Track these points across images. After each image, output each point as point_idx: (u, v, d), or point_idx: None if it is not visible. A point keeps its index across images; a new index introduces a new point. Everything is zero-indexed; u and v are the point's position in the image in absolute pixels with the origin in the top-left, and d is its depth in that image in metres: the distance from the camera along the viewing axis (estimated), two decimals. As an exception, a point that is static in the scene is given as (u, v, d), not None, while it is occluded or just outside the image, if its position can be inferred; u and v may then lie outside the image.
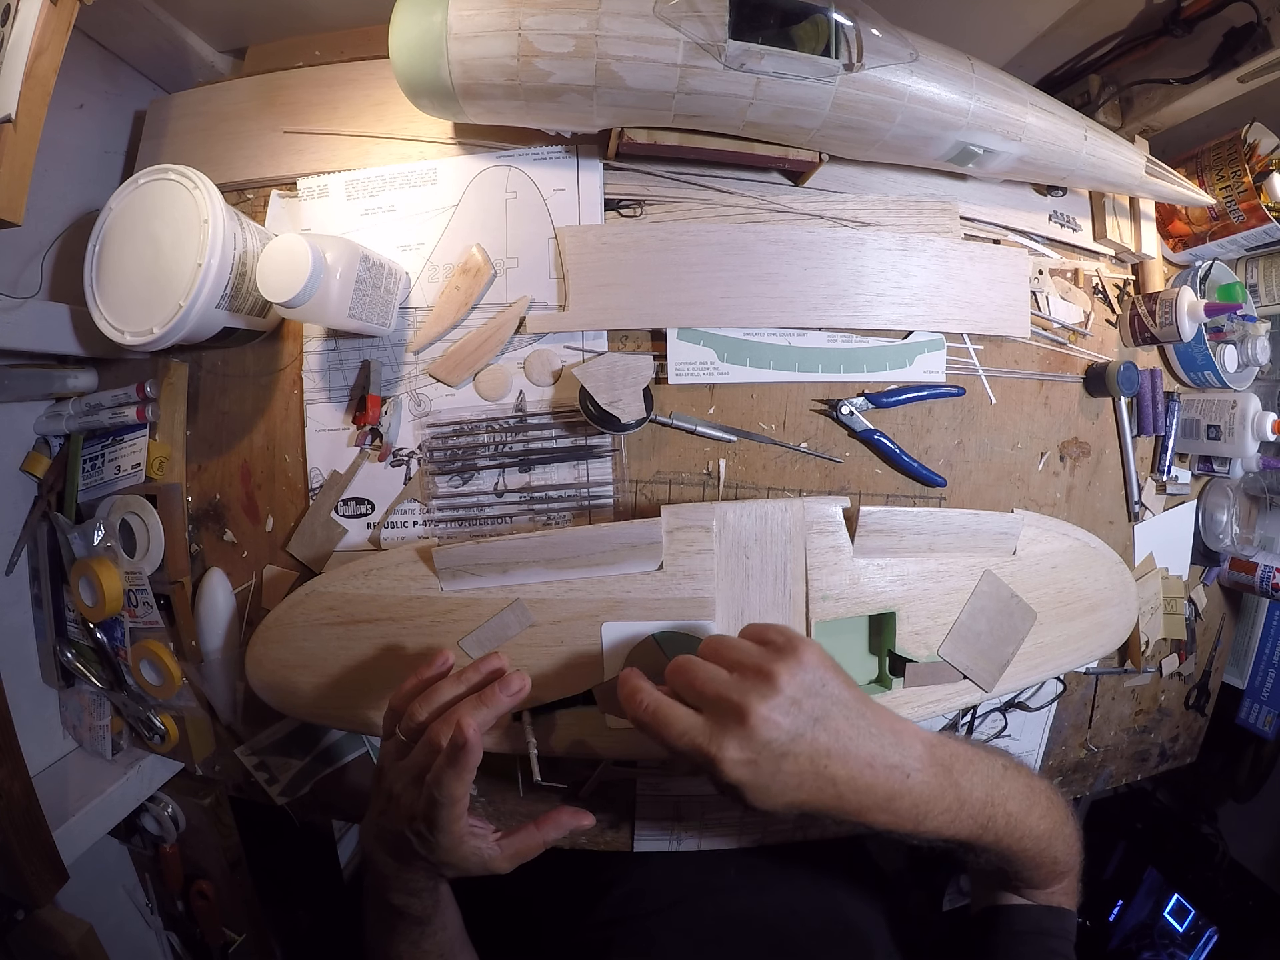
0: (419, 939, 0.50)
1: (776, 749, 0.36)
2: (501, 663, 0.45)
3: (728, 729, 0.36)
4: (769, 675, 0.37)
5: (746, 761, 0.35)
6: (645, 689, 0.39)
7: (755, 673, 0.37)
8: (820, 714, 0.37)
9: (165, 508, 0.61)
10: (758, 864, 0.65)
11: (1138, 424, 0.72)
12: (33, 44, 0.45)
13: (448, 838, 0.42)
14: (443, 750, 0.40)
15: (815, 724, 0.37)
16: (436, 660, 0.46)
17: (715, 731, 0.36)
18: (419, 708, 0.43)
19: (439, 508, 0.60)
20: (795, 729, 0.36)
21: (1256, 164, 0.67)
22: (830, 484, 0.62)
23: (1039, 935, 0.47)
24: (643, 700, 0.38)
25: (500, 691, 0.43)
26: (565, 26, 0.46)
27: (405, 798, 0.43)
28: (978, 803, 0.41)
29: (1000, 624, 0.57)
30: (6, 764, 0.53)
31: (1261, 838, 0.97)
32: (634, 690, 0.39)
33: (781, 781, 0.36)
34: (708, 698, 0.37)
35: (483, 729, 0.40)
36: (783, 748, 0.36)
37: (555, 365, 0.59)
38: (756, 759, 0.36)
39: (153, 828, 0.71)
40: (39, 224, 0.61)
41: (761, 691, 0.36)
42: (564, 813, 0.47)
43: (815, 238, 0.59)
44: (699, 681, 0.38)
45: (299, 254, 0.48)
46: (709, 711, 0.37)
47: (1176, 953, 0.99)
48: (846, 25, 0.48)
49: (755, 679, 0.37)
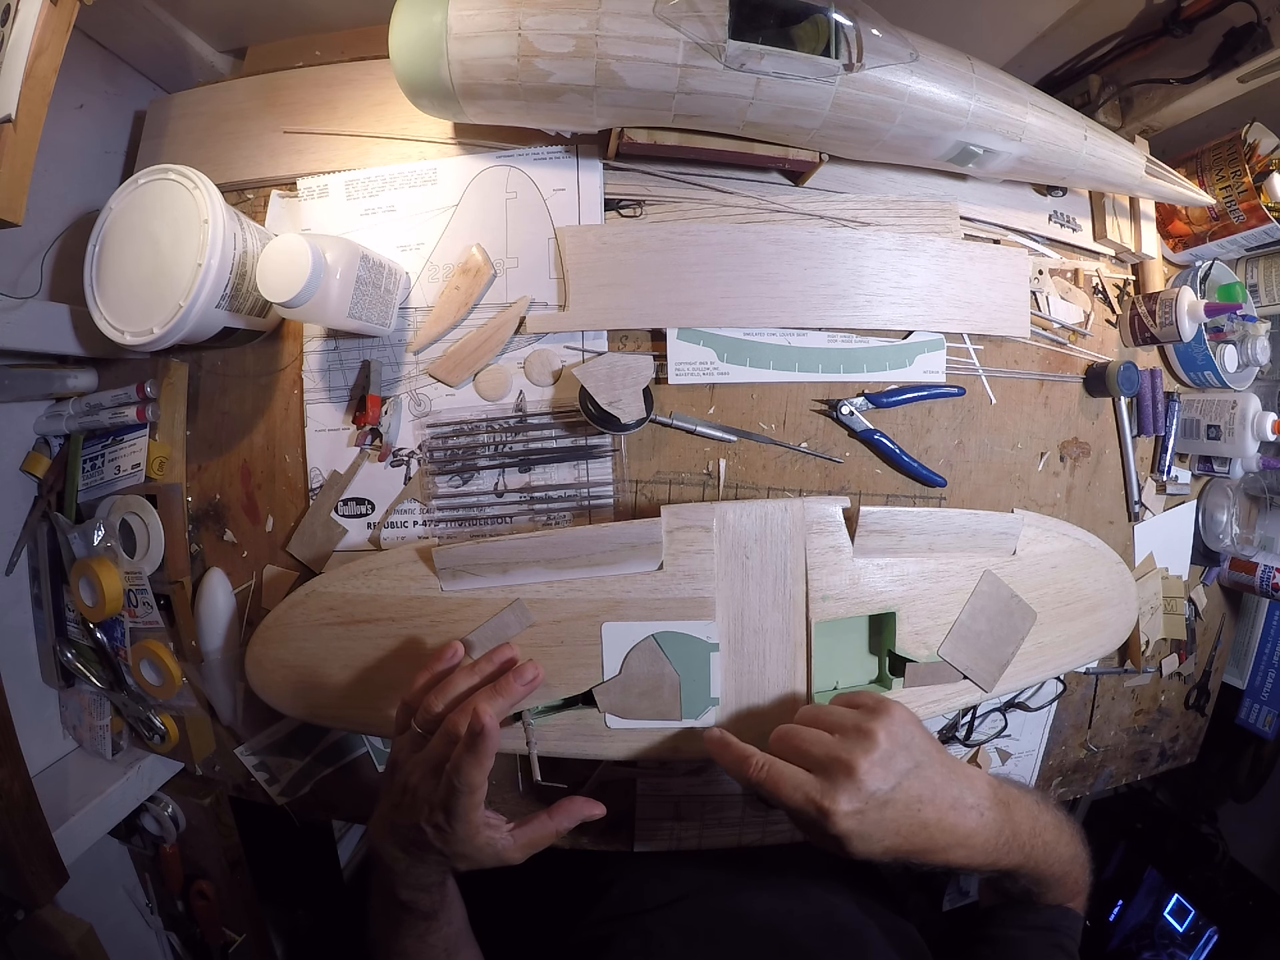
0: (425, 933, 0.50)
1: (881, 798, 0.39)
2: (514, 653, 0.48)
3: (837, 784, 0.39)
4: (868, 733, 0.41)
5: (855, 812, 0.39)
6: (754, 753, 0.43)
7: (856, 731, 0.41)
8: (913, 764, 0.41)
9: (165, 508, 0.61)
10: (757, 863, 0.65)
11: (1138, 424, 0.72)
12: (33, 44, 0.45)
13: (465, 827, 0.43)
14: (461, 739, 0.41)
15: (910, 774, 0.41)
16: (446, 653, 0.48)
17: (826, 787, 0.39)
18: (435, 700, 0.45)
19: (439, 508, 0.60)
20: (895, 779, 0.40)
21: (1256, 164, 0.67)
22: (830, 484, 0.62)
23: (1049, 931, 0.50)
24: (756, 761, 0.42)
25: (515, 680, 0.45)
26: (565, 26, 0.46)
27: (423, 788, 0.44)
28: (1025, 834, 0.45)
29: (1000, 624, 0.57)
30: (6, 764, 0.53)
31: (1261, 838, 0.97)
32: (744, 756, 0.43)
33: (883, 828, 0.40)
34: (815, 757, 0.41)
35: (499, 718, 0.42)
36: (886, 796, 0.40)
37: (555, 365, 0.59)
38: (864, 809, 0.39)
39: (153, 828, 0.71)
40: (39, 224, 0.61)
41: (864, 747, 0.40)
42: (576, 802, 0.48)
43: (815, 238, 0.59)
44: (806, 743, 0.42)
45: (299, 254, 0.48)
46: (818, 770, 0.41)
47: (1176, 953, 0.99)
48: (846, 25, 0.48)
49: (857, 736, 0.41)
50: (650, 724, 0.53)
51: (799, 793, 0.40)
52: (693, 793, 0.64)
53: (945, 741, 0.69)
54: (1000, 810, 0.44)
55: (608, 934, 0.57)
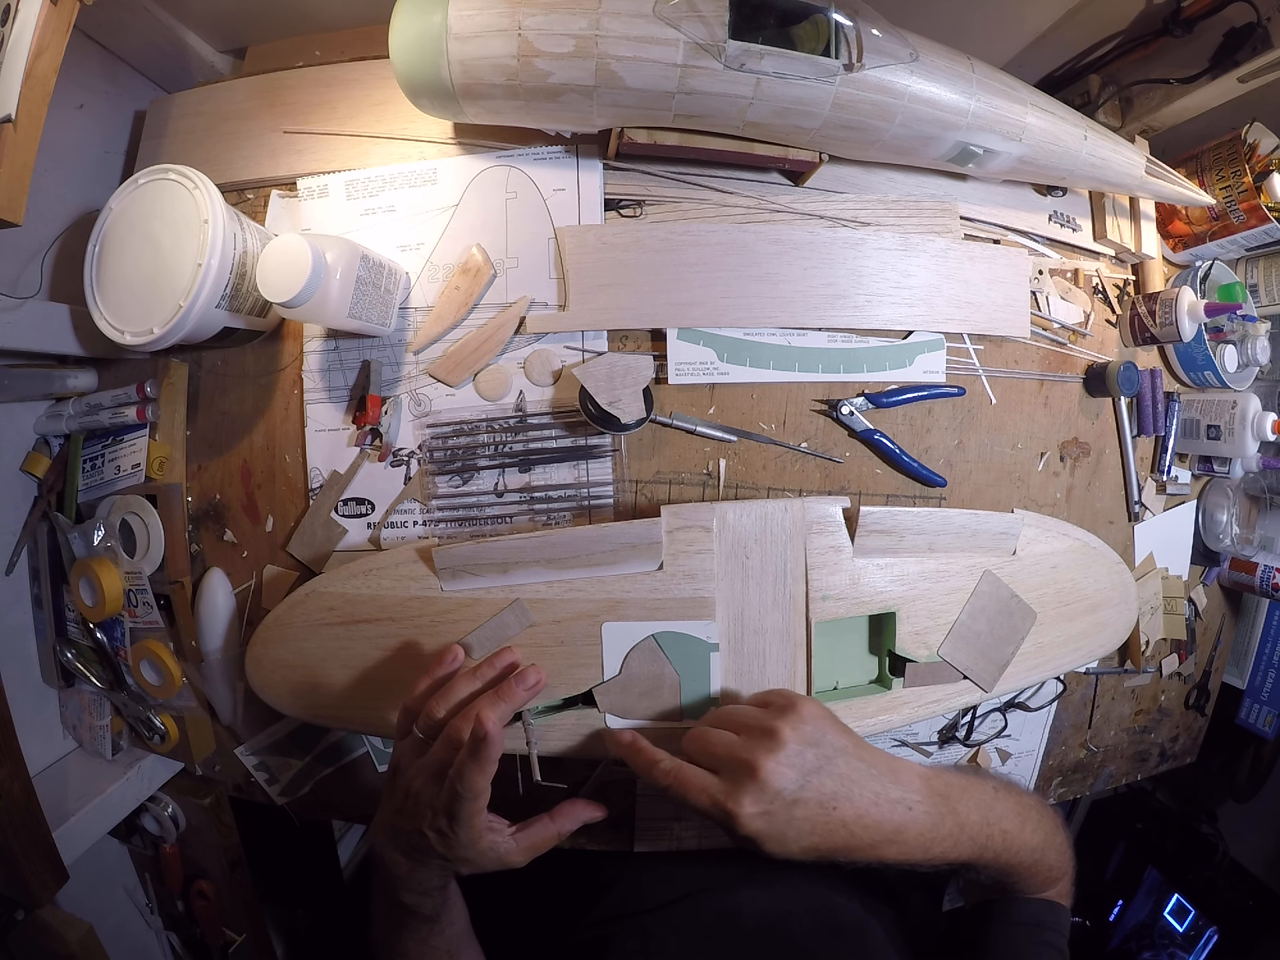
0: (427, 936, 0.50)
1: (787, 797, 0.39)
2: (515, 657, 0.48)
3: (741, 785, 0.39)
4: (772, 731, 0.41)
5: (761, 814, 0.39)
6: (662, 757, 0.43)
7: (761, 731, 0.41)
8: (823, 761, 0.41)
9: (165, 508, 0.61)
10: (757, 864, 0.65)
11: (1138, 424, 0.72)
12: (33, 44, 0.45)
13: (468, 832, 0.43)
14: (465, 745, 0.41)
15: (820, 771, 0.40)
16: (447, 657, 0.48)
17: (730, 789, 0.39)
18: (437, 705, 0.44)
19: (439, 508, 0.60)
20: (802, 777, 0.40)
21: (1256, 164, 0.67)
22: (830, 484, 0.62)
23: (1034, 927, 0.49)
24: (662, 766, 0.42)
25: (517, 685, 0.45)
26: (565, 26, 0.46)
27: (425, 794, 0.44)
28: (975, 825, 0.44)
29: (1000, 624, 0.57)
30: (6, 764, 0.53)
31: (1261, 838, 0.97)
32: (652, 760, 0.43)
33: (796, 828, 0.39)
34: (721, 759, 0.41)
35: (502, 722, 0.42)
36: (793, 795, 0.39)
37: (555, 365, 0.59)
38: (770, 809, 0.39)
39: (153, 828, 0.71)
40: (39, 224, 0.61)
41: (768, 746, 0.40)
42: (578, 804, 0.48)
43: (815, 238, 0.59)
44: (711, 745, 0.41)
45: (299, 254, 0.48)
46: (724, 772, 0.40)
47: (1176, 953, 0.99)
48: (846, 25, 0.48)
49: (761, 737, 0.41)
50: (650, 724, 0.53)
51: (704, 795, 0.40)
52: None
53: (945, 741, 0.69)
54: (937, 803, 0.43)
55: (607, 934, 0.57)
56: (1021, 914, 0.50)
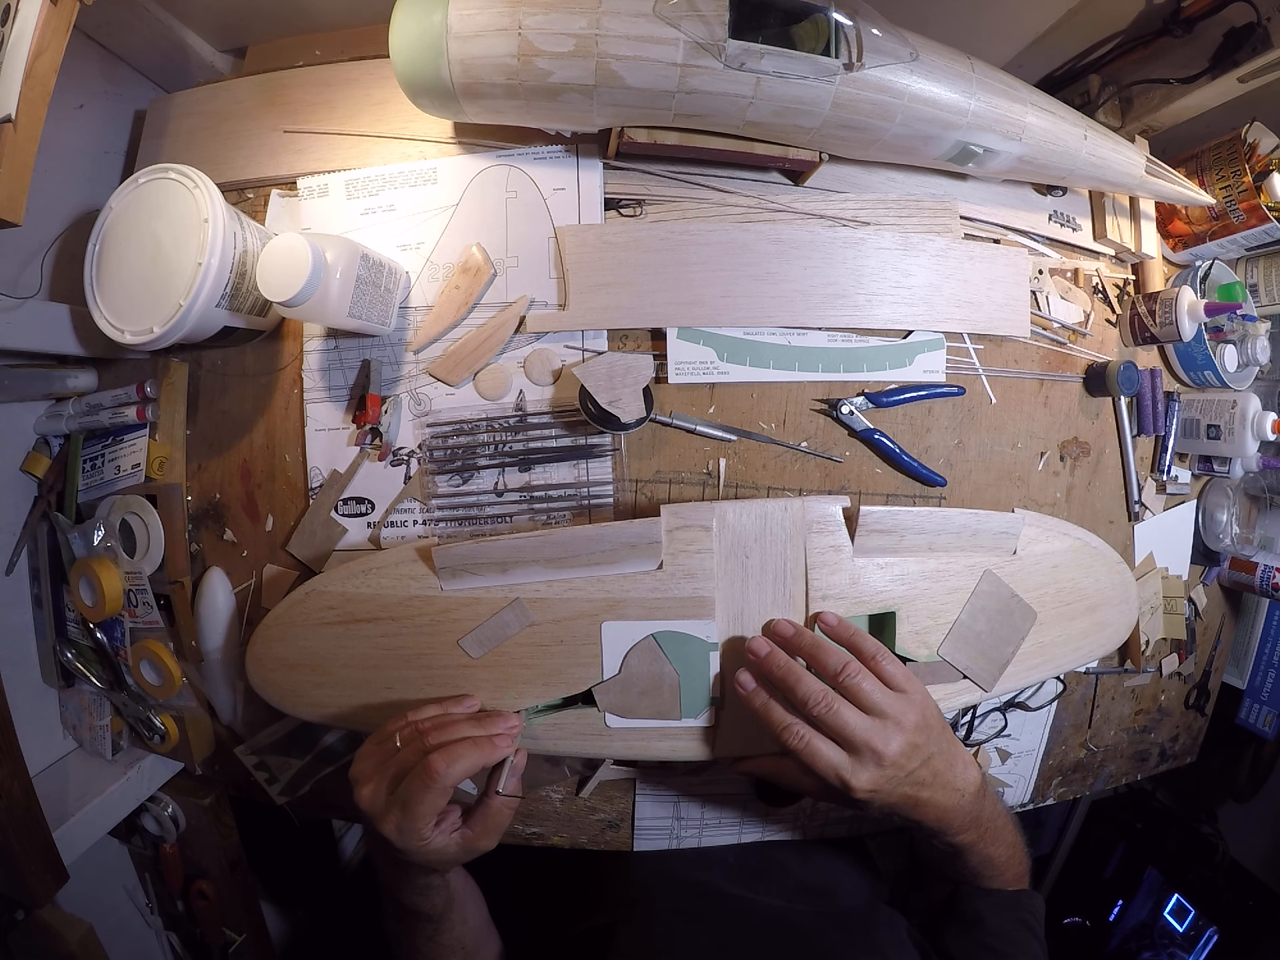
0: (434, 934, 0.52)
1: (897, 780, 0.47)
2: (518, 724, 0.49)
3: (866, 767, 0.46)
4: (902, 727, 0.47)
5: (872, 790, 0.46)
6: (793, 722, 0.47)
7: (892, 722, 0.47)
8: (927, 756, 0.48)
9: (165, 507, 0.61)
10: (758, 861, 0.65)
11: (1138, 424, 0.72)
12: (33, 44, 0.45)
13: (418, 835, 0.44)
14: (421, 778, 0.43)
15: (923, 765, 0.48)
16: (465, 701, 0.50)
17: (857, 768, 0.46)
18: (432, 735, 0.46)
19: (439, 507, 0.60)
20: (913, 767, 0.47)
21: (1256, 164, 0.67)
22: (830, 483, 0.62)
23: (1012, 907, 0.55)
24: (797, 732, 0.46)
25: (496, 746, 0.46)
26: (565, 26, 0.46)
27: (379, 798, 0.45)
28: (986, 818, 0.53)
29: (1000, 624, 0.57)
30: (6, 764, 0.53)
31: (1261, 838, 0.97)
32: (783, 723, 0.47)
33: (889, 798, 0.47)
34: (851, 741, 0.46)
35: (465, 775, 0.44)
36: (901, 781, 0.47)
37: (555, 365, 0.59)
38: (880, 787, 0.46)
39: (153, 828, 0.71)
40: (39, 224, 0.61)
41: (896, 741, 0.46)
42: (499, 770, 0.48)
43: (815, 237, 0.59)
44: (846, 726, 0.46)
45: (299, 253, 0.48)
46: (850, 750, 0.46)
47: (1176, 953, 0.99)
48: (846, 25, 0.48)
49: (893, 729, 0.46)
50: (650, 723, 0.53)
51: (832, 770, 0.46)
52: (693, 792, 0.64)
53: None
54: (977, 796, 0.51)
55: (609, 932, 0.57)
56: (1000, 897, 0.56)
